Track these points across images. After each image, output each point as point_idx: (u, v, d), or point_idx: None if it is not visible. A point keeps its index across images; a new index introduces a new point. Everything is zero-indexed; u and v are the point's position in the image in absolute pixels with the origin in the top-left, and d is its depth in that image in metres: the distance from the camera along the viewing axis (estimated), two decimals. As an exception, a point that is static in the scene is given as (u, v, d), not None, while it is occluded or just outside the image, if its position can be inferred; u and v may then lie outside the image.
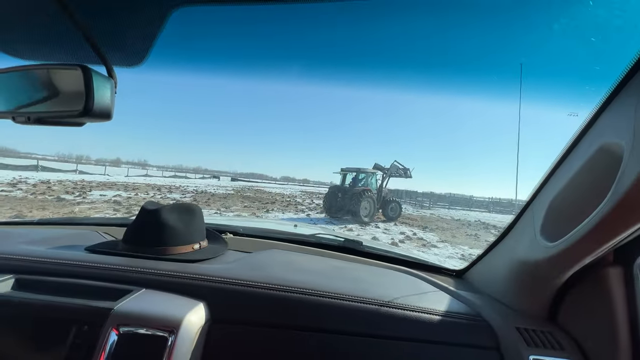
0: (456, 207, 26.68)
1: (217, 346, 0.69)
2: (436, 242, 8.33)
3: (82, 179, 20.49)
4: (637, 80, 0.46)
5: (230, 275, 0.80)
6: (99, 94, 0.52)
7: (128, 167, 58.54)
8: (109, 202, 10.41)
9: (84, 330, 0.63)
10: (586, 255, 0.61)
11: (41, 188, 12.71)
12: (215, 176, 56.66)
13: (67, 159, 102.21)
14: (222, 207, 11.74)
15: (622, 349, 0.64)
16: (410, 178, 13.94)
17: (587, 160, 0.58)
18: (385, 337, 0.72)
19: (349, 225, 10.02)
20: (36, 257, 0.81)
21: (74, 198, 10.77)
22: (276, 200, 17.22)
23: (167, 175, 43.48)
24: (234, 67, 1.45)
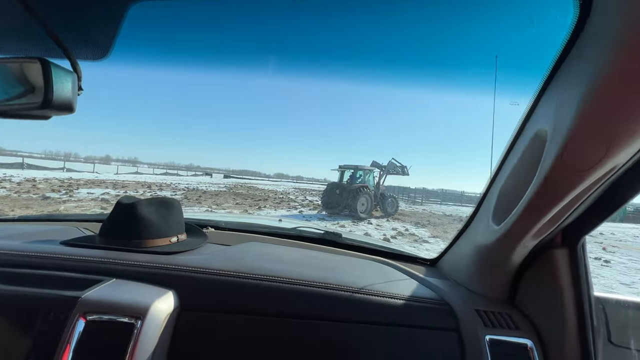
0: (448, 203, 27.05)
1: (185, 332, 0.71)
2: (428, 238, 8.44)
3: (70, 176, 20.07)
4: (563, 69, 0.49)
5: (201, 265, 0.82)
6: (59, 87, 0.53)
7: (118, 164, 57.59)
8: (96, 200, 10.25)
9: (50, 318, 0.64)
10: (524, 234, 0.65)
11: (26, 186, 12.43)
12: (207, 173, 56.15)
13: (54, 156, 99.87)
14: (214, 205, 11.67)
15: (569, 325, 0.68)
16: (407, 175, 14.31)
17: (525, 147, 0.61)
18: (354, 322, 0.76)
19: (341, 222, 10.08)
20: (9, 250, 0.82)
21: (60, 196, 10.56)
22: (269, 197, 17.18)
23: (158, 172, 42.88)
24: (225, 62, 1.45)
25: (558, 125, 0.50)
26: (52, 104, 0.52)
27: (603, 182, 0.54)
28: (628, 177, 0.55)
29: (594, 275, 5.36)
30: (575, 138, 0.48)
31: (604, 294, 0.75)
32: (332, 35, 1.36)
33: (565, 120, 0.48)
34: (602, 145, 0.46)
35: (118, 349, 0.62)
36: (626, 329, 0.72)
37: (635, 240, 11.14)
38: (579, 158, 0.49)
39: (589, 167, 0.49)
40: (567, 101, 0.48)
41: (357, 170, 13.13)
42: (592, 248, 8.32)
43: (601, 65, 0.42)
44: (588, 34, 0.44)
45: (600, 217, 0.63)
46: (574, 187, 0.53)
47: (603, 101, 0.43)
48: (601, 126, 0.45)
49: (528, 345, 0.72)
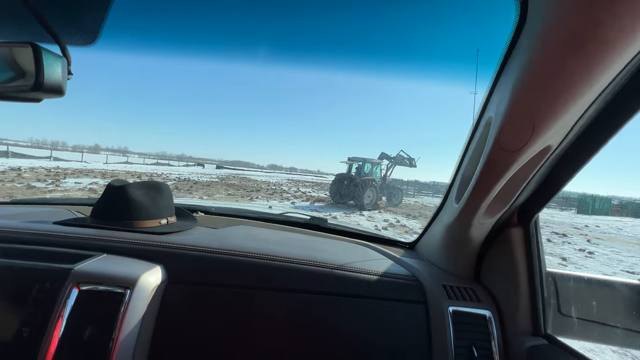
0: (439, 195, 27.35)
1: (172, 303, 0.76)
2: (418, 229, 8.60)
3: (57, 165, 19.65)
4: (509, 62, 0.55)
5: (188, 243, 0.87)
6: (49, 71, 0.56)
7: (107, 154, 56.46)
8: (84, 190, 10.09)
9: (46, 287, 0.69)
10: (475, 210, 0.72)
11: (10, 175, 12.13)
12: (199, 164, 55.58)
13: (41, 145, 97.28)
14: (205, 195, 11.62)
15: (523, 298, 0.76)
16: (415, 167, 15.11)
17: (480, 133, 0.68)
18: (332, 294, 0.82)
19: (333, 213, 10.19)
20: (5, 228, 0.86)
21: (46, 186, 10.35)
22: (261, 188, 17.17)
23: (149, 162, 42.32)
24: (217, 50, 1.46)
25: (498, 112, 0.57)
26: (43, 87, 0.55)
27: (541, 165, 0.62)
28: (563, 162, 0.63)
29: (578, 266, 5.57)
30: (508, 122, 0.54)
31: (555, 270, 0.82)
32: (322, 26, 1.39)
33: (503, 107, 0.55)
34: (529, 129, 0.53)
35: (109, 316, 0.68)
36: (573, 300, 0.80)
37: (618, 233, 11.56)
38: (510, 140, 0.56)
39: (519, 148, 0.56)
40: (507, 90, 0.54)
41: (364, 163, 13.69)
42: (577, 240, 8.61)
43: (530, 58, 0.48)
44: (523, 34, 0.50)
45: (546, 197, 0.70)
46: (509, 167, 0.60)
47: (530, 90, 0.50)
48: (528, 112, 0.52)
49: (487, 316, 0.80)
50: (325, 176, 56.20)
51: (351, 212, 11.07)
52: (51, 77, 0.56)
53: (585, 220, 15.55)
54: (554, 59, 0.44)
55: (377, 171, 13.86)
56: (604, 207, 22.23)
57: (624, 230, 12.61)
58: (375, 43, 1.69)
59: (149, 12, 1.19)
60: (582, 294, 0.81)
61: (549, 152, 0.58)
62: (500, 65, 0.56)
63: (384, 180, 13.92)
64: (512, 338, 0.77)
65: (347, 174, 13.36)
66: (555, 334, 0.75)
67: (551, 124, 0.51)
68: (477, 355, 0.75)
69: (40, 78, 0.55)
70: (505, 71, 0.56)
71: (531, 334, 0.76)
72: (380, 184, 13.28)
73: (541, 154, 0.58)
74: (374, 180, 12.98)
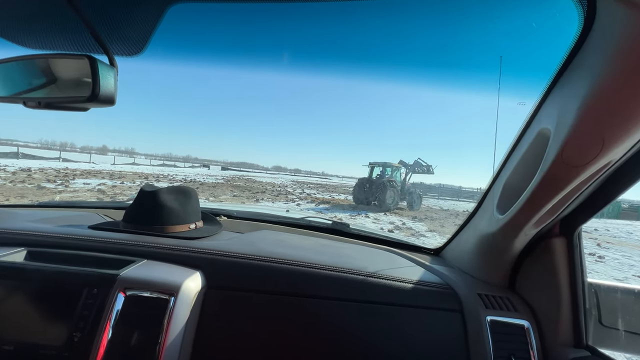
0: (445, 198, 27.27)
1: (212, 308, 0.77)
2: (425, 232, 8.55)
3: (66, 166, 19.92)
4: (567, 74, 0.55)
5: (223, 249, 0.88)
6: (104, 81, 0.57)
7: (115, 155, 57.17)
8: (92, 191, 10.20)
9: (93, 293, 0.70)
10: (525, 223, 0.72)
11: (21, 176, 12.32)
12: (205, 165, 55.99)
13: (50, 146, 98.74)
14: (211, 197, 11.68)
15: (563, 308, 0.75)
16: (432, 174, 16.06)
17: (530, 144, 0.67)
18: (365, 302, 0.82)
19: (339, 215, 10.18)
20: (45, 232, 0.87)
21: (56, 186, 10.48)
22: (266, 190, 17.22)
23: (155, 163, 42.72)
24: (226, 56, 1.48)
25: (560, 125, 0.56)
26: (99, 98, 0.56)
27: (597, 178, 0.61)
28: (618, 174, 0.62)
29: (589, 270, 5.48)
30: (575, 136, 0.54)
31: (596, 280, 0.81)
32: (328, 32, 1.39)
33: (567, 120, 0.54)
34: (599, 144, 0.52)
35: (154, 322, 0.68)
36: (616, 311, 0.79)
37: (629, 237, 11.36)
38: (577, 155, 0.55)
39: (585, 162, 0.55)
40: (570, 104, 0.53)
41: (385, 167, 14.71)
42: (586, 244, 8.49)
43: (601, 74, 0.47)
44: (590, 44, 0.49)
45: (594, 209, 0.69)
46: (571, 181, 0.59)
47: (601, 105, 0.49)
48: (598, 127, 0.51)
49: (525, 326, 0.79)
50: (330, 178, 56.10)
51: (357, 214, 11.06)
52: (106, 88, 0.57)
53: (594, 224, 15.32)
54: (632, 77, 0.44)
55: (397, 175, 14.68)
56: (613, 211, 21.89)
57: (635, 234, 12.40)
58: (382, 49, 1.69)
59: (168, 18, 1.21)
60: (625, 305, 0.79)
61: (608, 165, 0.57)
62: (555, 77, 0.56)
63: (404, 184, 14.61)
64: (552, 349, 0.76)
65: (368, 178, 14.25)
66: (597, 346, 0.74)
67: (622, 140, 0.51)
68: None
69: (97, 89, 0.56)
70: (562, 83, 0.55)
71: (573, 346, 0.75)
72: (400, 187, 13.96)
73: (601, 168, 0.57)
74: (395, 181, 13.76)
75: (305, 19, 1.26)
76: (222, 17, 1.05)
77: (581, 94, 0.51)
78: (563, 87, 0.56)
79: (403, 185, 14.47)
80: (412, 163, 15.64)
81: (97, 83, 0.56)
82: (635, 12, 0.40)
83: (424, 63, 1.52)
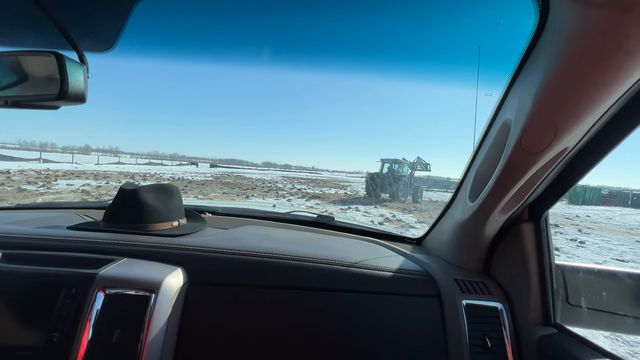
0: (434, 189, 27.67)
1: (195, 304, 0.78)
2: (414, 223, 8.69)
3: (47, 167, 19.25)
4: (527, 66, 0.57)
5: (206, 245, 0.88)
6: (72, 79, 0.56)
7: (99, 154, 55.55)
8: (76, 192, 9.91)
9: (72, 293, 0.69)
10: (492, 209, 0.75)
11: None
12: (193, 163, 55.05)
13: (29, 146, 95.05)
14: (200, 195, 11.54)
15: (533, 289, 0.80)
16: (429, 172, 18.60)
17: (496, 134, 0.70)
18: (349, 291, 0.84)
19: (329, 209, 10.23)
20: (22, 234, 0.86)
21: (37, 188, 10.11)
22: (256, 186, 17.11)
23: (141, 162, 41.79)
24: (211, 49, 1.45)
25: (519, 114, 0.59)
26: (68, 95, 0.56)
27: (556, 165, 0.64)
28: (577, 161, 0.66)
29: (570, 255, 5.69)
30: (531, 125, 0.57)
31: (563, 262, 0.86)
32: (314, 25, 1.39)
33: (524, 110, 0.57)
34: (552, 131, 0.55)
35: (135, 319, 0.69)
36: (580, 290, 0.84)
37: (608, 222, 11.84)
38: (533, 142, 0.58)
39: (541, 149, 0.59)
40: (527, 94, 0.56)
41: (395, 164, 16.69)
42: (568, 230, 8.80)
43: (553, 65, 0.50)
44: (545, 37, 0.52)
45: (557, 194, 0.73)
46: (529, 168, 0.63)
47: (552, 94, 0.52)
48: (550, 115, 0.55)
49: (498, 308, 0.83)
50: (320, 173, 56.08)
51: (347, 207, 11.14)
52: (75, 85, 0.56)
53: (576, 211, 15.89)
54: (579, 68, 0.47)
55: (405, 170, 16.64)
56: (594, 197, 22.73)
57: (613, 219, 12.93)
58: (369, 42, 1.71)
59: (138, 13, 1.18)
60: (590, 284, 0.84)
61: (565, 152, 0.61)
62: (517, 69, 0.58)
63: (411, 178, 16.63)
64: (523, 328, 0.80)
65: (378, 173, 16.10)
66: (564, 324, 0.79)
67: (573, 127, 0.54)
68: (490, 345, 0.78)
69: (65, 87, 0.55)
70: (522, 75, 0.58)
71: (542, 324, 0.79)
72: (407, 181, 15.93)
73: (559, 155, 0.61)
74: (405, 176, 15.79)
75: (284, 10, 1.26)
76: (194, 10, 1.04)
77: (536, 84, 0.53)
78: (523, 79, 0.58)
79: (410, 179, 16.46)
80: (414, 161, 17.60)
81: (65, 80, 0.55)
82: (583, 8, 0.43)
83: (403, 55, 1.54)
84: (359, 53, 1.96)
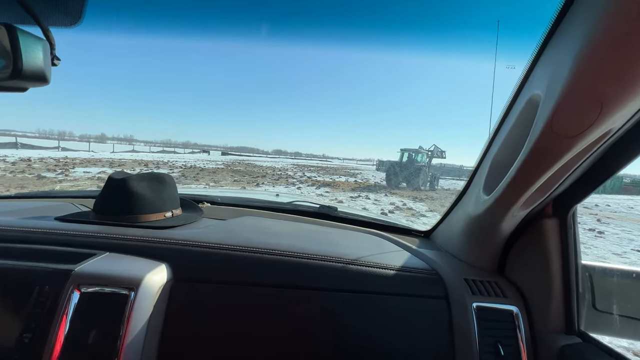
0: (446, 177, 27.15)
1: (178, 303, 0.72)
2: (425, 212, 8.54)
3: (65, 155, 19.86)
4: (560, 31, 0.47)
5: (195, 238, 0.83)
6: (28, 55, 0.49)
7: (114, 142, 56.93)
8: (93, 179, 10.18)
9: (45, 290, 0.65)
10: (511, 204, 0.65)
11: (21, 166, 12.29)
12: (205, 150, 55.74)
13: (48, 135, 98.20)
14: (212, 182, 11.67)
15: (555, 292, 0.70)
16: (444, 159, 19.04)
17: (519, 114, 0.59)
18: (347, 291, 0.77)
19: (339, 197, 10.17)
20: (4, 226, 0.82)
21: (56, 176, 10.47)
22: (267, 174, 17.18)
23: (154, 150, 42.55)
24: (219, 30, 1.37)
25: (551, 88, 0.48)
26: (23, 74, 0.49)
27: (594, 151, 0.53)
28: (616, 148, 0.54)
29: (588, 246, 5.48)
30: (567, 100, 0.46)
31: (591, 262, 0.76)
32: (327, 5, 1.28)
33: (559, 82, 0.46)
34: (595, 108, 0.44)
35: (113, 319, 0.64)
36: (611, 295, 0.74)
37: (629, 212, 11.35)
38: (569, 123, 0.47)
39: (579, 132, 0.47)
40: (562, 63, 0.45)
41: (415, 153, 17.15)
42: (586, 219, 8.48)
43: (594, 27, 0.40)
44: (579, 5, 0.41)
45: (590, 187, 0.62)
46: (561, 155, 0.52)
47: (598, 61, 0.41)
48: (595, 86, 0.43)
49: (514, 312, 0.74)
50: (330, 160, 55.80)
51: (357, 195, 11.05)
52: (31, 62, 0.50)
53: (595, 200, 15.29)
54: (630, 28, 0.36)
55: (424, 159, 17.26)
56: (615, 186, 21.76)
57: (636, 209, 12.39)
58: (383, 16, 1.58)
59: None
60: (624, 288, 0.74)
61: (608, 135, 0.50)
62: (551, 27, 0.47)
63: (429, 166, 17.18)
64: (542, 335, 0.72)
65: (398, 161, 16.86)
66: (589, 332, 0.70)
67: (625, 101, 0.42)
68: (503, 353, 0.70)
69: (19, 63, 0.48)
70: (558, 36, 0.47)
71: (564, 332, 0.71)
72: (427, 170, 16.63)
73: (600, 138, 0.49)
74: (425, 165, 16.49)
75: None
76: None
77: (573, 52, 0.42)
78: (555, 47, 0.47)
79: (428, 167, 17.05)
80: (431, 149, 17.91)
81: (18, 56, 0.48)
82: None
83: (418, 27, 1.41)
84: (372, 27, 1.83)
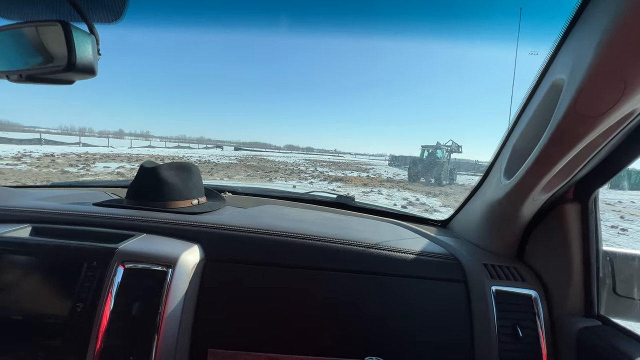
0: (461, 172, 26.67)
1: (211, 280, 0.78)
2: (439, 207, 8.44)
3: (86, 151, 20.59)
4: (584, 17, 0.47)
5: (223, 222, 0.88)
6: (80, 49, 0.54)
7: (131, 138, 58.53)
8: (112, 174, 10.57)
9: (93, 265, 0.72)
10: (532, 188, 0.66)
11: (45, 161, 12.85)
12: (218, 146, 56.51)
13: (70, 131, 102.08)
14: (225, 177, 11.88)
15: (575, 277, 0.71)
16: (461, 153, 19.51)
17: (542, 98, 0.60)
18: (365, 273, 0.81)
19: (351, 193, 10.18)
20: (49, 209, 0.89)
21: (78, 170, 10.92)
22: (279, 169, 17.33)
23: (170, 146, 43.56)
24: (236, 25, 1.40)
25: (575, 70, 0.49)
26: (76, 67, 0.54)
27: (618, 132, 0.54)
28: (638, 132, 0.55)
29: (610, 243, 5.30)
30: (591, 80, 0.46)
31: (612, 248, 0.76)
32: None
33: (583, 64, 0.47)
34: (619, 87, 0.45)
35: (154, 293, 0.70)
36: (632, 280, 0.75)
37: (656, 209, 10.84)
38: (593, 102, 0.48)
39: (602, 112, 0.48)
40: (586, 47, 0.46)
41: (435, 149, 17.54)
42: (609, 216, 8.17)
43: (618, 11, 0.40)
44: None
45: (611, 171, 0.63)
46: (584, 136, 0.52)
47: (622, 39, 0.42)
48: (619, 65, 0.44)
49: (532, 296, 0.76)
50: (342, 155, 55.56)
51: (369, 190, 11.02)
52: (83, 56, 0.55)
53: (618, 196, 14.67)
54: None
55: (444, 155, 17.63)
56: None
57: (663, 206, 11.82)
58: None
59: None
60: None
61: (632, 116, 0.50)
62: (571, 21, 0.48)
63: (448, 162, 17.73)
64: (561, 319, 0.73)
65: (420, 158, 17.38)
66: (609, 316, 0.71)
67: None
68: (521, 335, 0.72)
69: (73, 58, 0.53)
70: (578, 27, 0.48)
71: (583, 315, 0.72)
72: (447, 166, 17.14)
73: (624, 119, 0.50)
74: (445, 162, 16.85)
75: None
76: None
77: (598, 37, 0.43)
78: (579, 32, 0.48)
79: (447, 163, 17.52)
80: (449, 144, 18.33)
81: (72, 51, 0.53)
82: None
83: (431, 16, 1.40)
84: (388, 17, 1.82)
